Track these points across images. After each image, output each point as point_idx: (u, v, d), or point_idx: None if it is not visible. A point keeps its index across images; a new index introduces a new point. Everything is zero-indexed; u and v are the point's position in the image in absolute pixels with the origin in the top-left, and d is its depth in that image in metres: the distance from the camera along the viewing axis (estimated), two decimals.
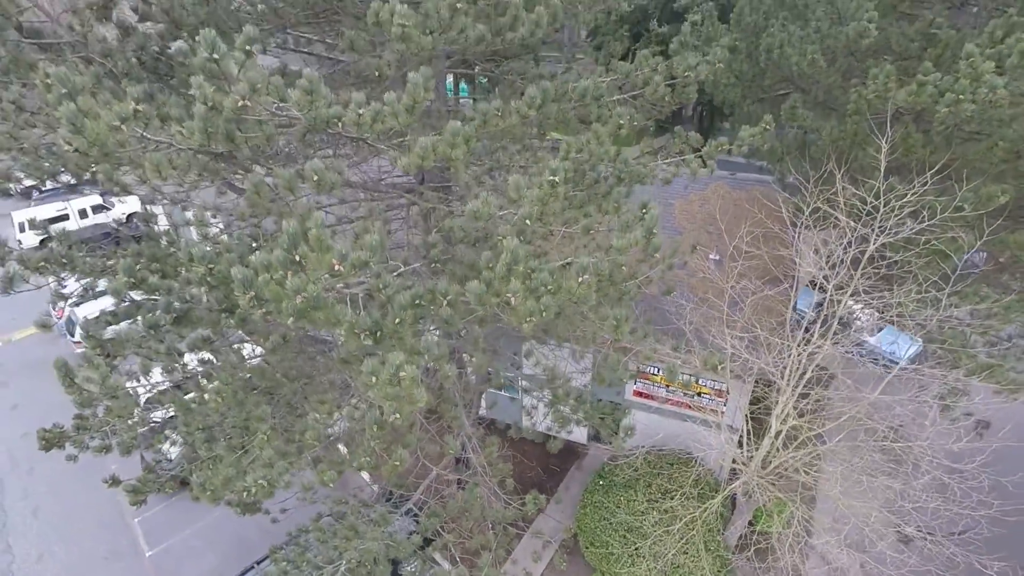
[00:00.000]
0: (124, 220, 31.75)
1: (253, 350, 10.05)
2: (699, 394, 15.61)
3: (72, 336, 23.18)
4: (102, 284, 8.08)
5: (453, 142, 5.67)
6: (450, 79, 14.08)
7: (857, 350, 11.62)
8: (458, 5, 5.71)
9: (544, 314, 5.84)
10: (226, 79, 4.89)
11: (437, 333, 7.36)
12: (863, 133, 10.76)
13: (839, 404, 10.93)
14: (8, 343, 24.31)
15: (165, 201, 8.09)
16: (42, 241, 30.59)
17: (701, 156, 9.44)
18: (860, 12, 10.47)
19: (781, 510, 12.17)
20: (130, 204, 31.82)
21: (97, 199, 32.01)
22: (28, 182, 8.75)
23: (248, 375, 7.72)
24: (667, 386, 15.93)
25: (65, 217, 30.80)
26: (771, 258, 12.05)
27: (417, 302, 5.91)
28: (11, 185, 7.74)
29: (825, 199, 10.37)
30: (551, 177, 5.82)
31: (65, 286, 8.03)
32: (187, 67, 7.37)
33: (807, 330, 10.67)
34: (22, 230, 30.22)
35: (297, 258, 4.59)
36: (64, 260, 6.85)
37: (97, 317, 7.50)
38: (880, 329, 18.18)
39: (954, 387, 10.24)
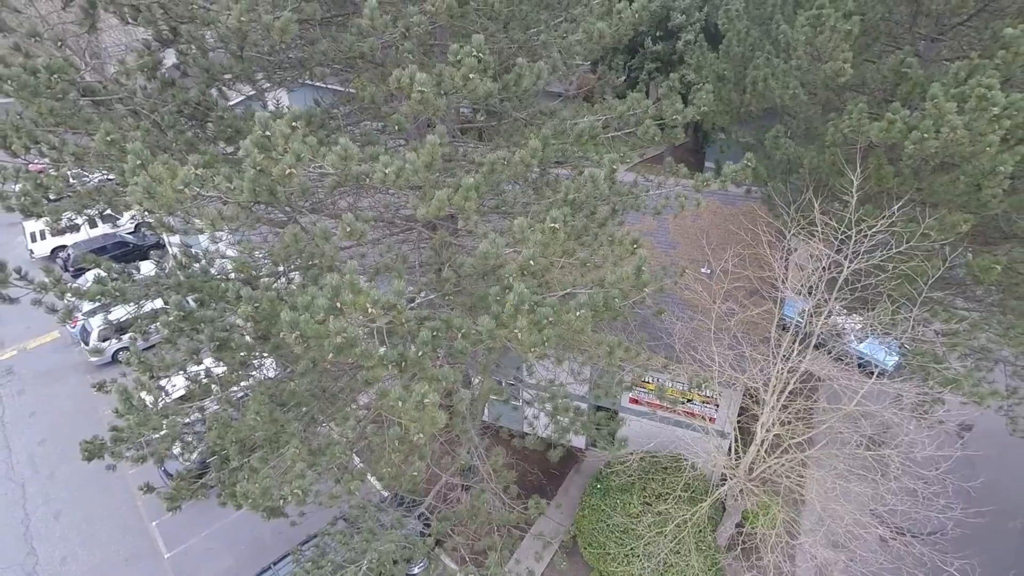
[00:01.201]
0: (133, 229, 32.52)
1: (273, 364, 10.88)
2: (690, 400, 16.47)
3: (86, 345, 23.98)
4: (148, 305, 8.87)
5: (466, 195, 6.51)
6: None
7: (844, 356, 12.43)
8: (471, 76, 6.54)
9: (547, 344, 6.68)
10: (274, 149, 5.71)
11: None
12: (839, 163, 11.62)
13: (820, 414, 11.78)
14: (24, 352, 25.09)
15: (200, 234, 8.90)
16: (53, 251, 31.41)
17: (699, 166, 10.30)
18: (837, 52, 11.30)
19: (767, 512, 13.01)
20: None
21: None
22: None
23: (278, 392, 8.54)
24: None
25: (76, 227, 31.57)
26: (756, 277, 12.90)
27: (435, 334, 6.75)
28: (63, 221, 8.56)
29: (803, 226, 11.19)
30: (552, 224, 6.66)
31: (111, 311, 8.84)
32: (224, 119, 8.21)
33: (793, 342, 11.51)
34: (34, 240, 31.00)
35: (338, 305, 5.41)
36: (117, 293, 7.67)
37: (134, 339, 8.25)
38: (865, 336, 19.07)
39: (925, 399, 11.09)
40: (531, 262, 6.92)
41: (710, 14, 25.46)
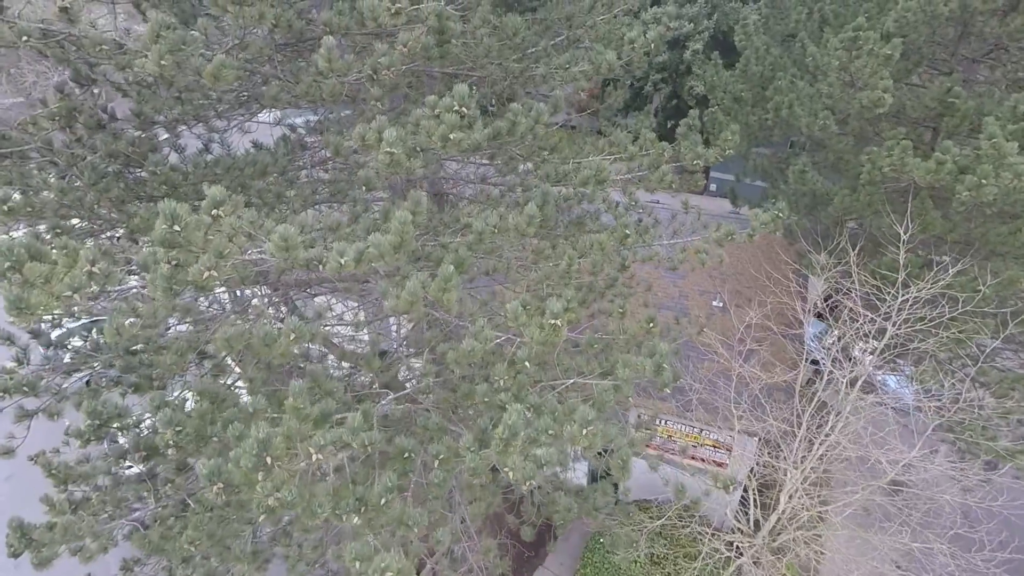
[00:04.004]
0: None
1: None
2: (698, 444, 15.13)
3: None
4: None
5: (445, 286, 5.17)
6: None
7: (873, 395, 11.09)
8: (451, 136, 5.20)
9: (545, 468, 5.35)
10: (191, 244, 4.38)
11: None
12: (877, 204, 10.28)
13: (848, 488, 10.49)
14: None
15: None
16: None
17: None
18: (875, 79, 9.95)
19: None
20: None
21: None
22: None
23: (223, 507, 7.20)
24: (670, 437, 15.48)
25: None
26: (780, 329, 11.60)
27: (407, 455, 5.43)
28: None
29: (838, 280, 9.88)
30: (552, 321, 5.32)
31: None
32: (158, 174, 6.85)
33: (821, 411, 10.20)
34: None
35: (268, 461, 4.09)
36: (26, 388, 6.36)
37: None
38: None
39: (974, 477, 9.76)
40: (526, 364, 5.61)
41: (719, 22, 24.08)
